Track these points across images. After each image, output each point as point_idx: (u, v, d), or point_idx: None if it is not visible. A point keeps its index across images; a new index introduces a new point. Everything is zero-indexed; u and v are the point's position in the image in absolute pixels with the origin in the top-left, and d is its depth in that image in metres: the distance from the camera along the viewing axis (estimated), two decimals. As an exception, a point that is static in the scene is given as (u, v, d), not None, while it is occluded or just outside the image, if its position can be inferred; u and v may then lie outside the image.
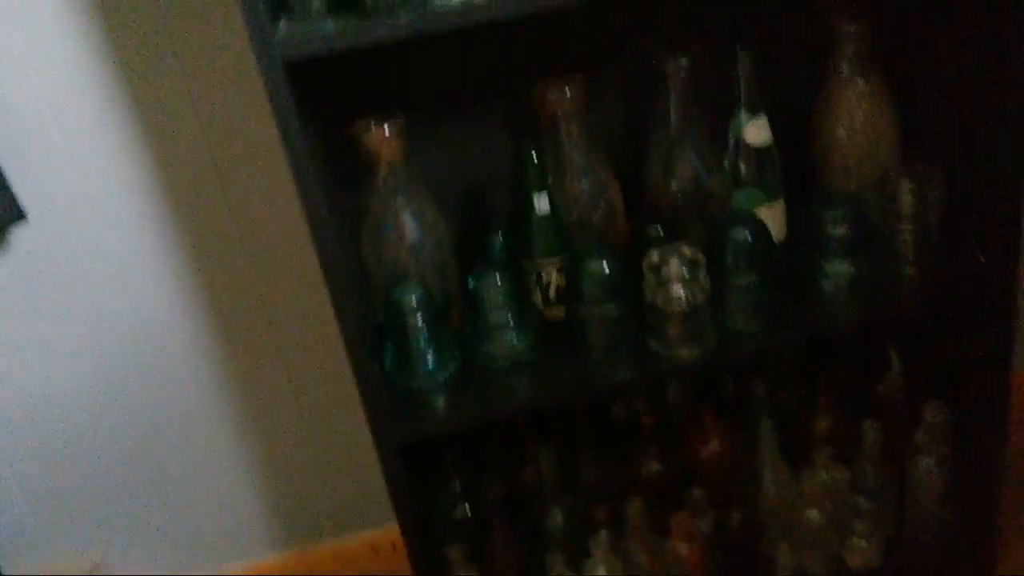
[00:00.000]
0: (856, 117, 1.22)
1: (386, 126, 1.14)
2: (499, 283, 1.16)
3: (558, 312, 1.21)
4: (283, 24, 0.97)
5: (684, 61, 1.18)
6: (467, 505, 1.35)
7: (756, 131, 1.17)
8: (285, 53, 0.89)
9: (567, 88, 1.17)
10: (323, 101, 1.13)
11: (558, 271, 1.19)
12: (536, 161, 1.16)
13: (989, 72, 1.12)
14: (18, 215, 1.26)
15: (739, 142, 1.20)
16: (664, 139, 1.22)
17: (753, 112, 1.17)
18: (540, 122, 1.20)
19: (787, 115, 1.20)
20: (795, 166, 1.23)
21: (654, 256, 1.13)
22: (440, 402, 1.15)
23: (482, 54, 1.21)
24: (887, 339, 1.36)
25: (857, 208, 1.18)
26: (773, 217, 1.21)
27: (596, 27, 1.21)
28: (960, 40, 1.19)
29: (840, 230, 1.18)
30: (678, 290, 1.12)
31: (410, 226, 1.19)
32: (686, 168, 1.23)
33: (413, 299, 1.16)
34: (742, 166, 1.20)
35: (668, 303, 1.13)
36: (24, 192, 1.25)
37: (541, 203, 1.17)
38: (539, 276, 1.20)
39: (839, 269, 1.19)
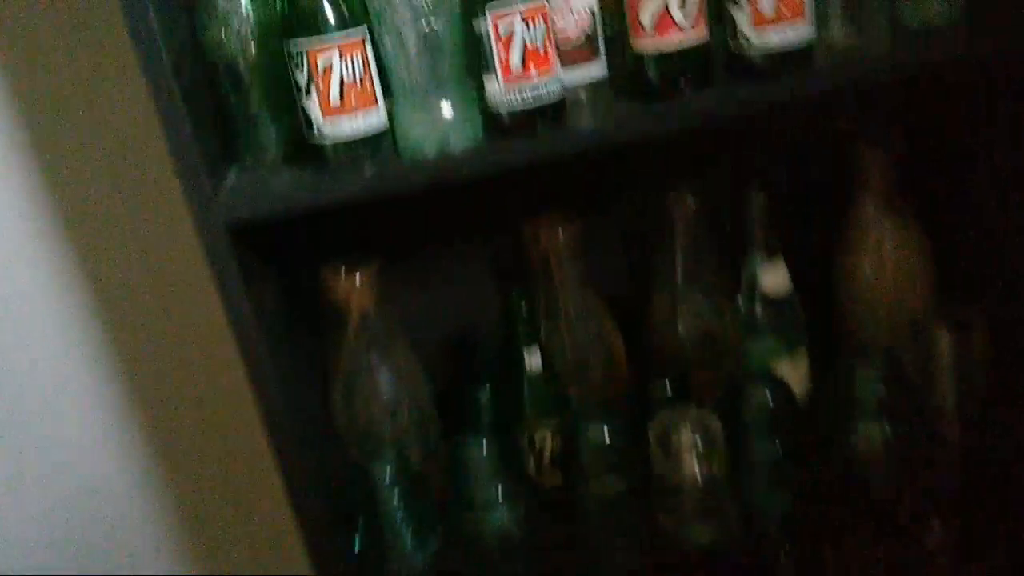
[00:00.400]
0: (884, 257, 1.09)
1: (357, 274, 1.00)
2: (485, 453, 1.01)
3: (554, 479, 1.07)
4: (231, 177, 0.83)
5: (691, 200, 1.04)
6: None
7: (773, 278, 1.04)
8: (228, 216, 0.76)
9: (561, 229, 1.03)
10: (283, 243, 1.00)
11: (553, 434, 1.04)
12: (526, 312, 1.02)
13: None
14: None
15: (754, 287, 1.06)
16: (669, 282, 1.09)
17: (769, 256, 1.04)
18: (531, 265, 1.07)
19: (806, 255, 1.07)
20: (816, 311, 1.09)
21: (662, 424, 0.98)
22: (419, 592, 0.99)
23: (467, 192, 1.07)
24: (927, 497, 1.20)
25: (891, 363, 1.03)
26: (794, 372, 1.07)
27: (593, 165, 1.08)
28: (998, 169, 1.05)
29: (873, 389, 1.03)
30: (691, 463, 0.97)
31: (385, 382, 1.05)
32: (694, 314, 1.09)
33: (388, 472, 1.01)
34: (758, 313, 1.07)
35: (680, 478, 0.98)
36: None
37: (532, 360, 1.03)
38: (531, 440, 1.05)
39: (872, 432, 1.04)
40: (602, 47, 0.88)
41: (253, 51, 0.85)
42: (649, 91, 0.86)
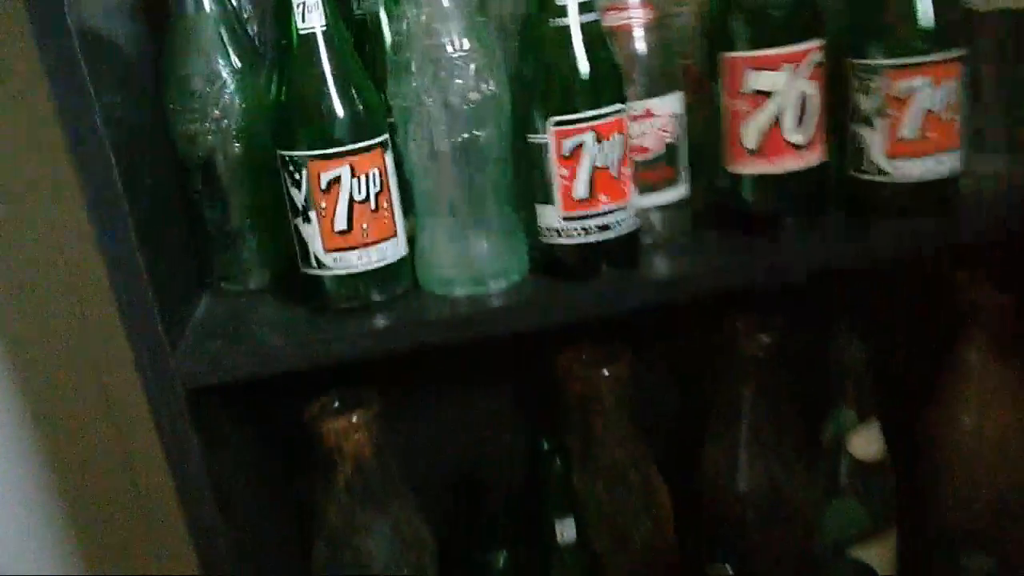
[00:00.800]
0: (991, 416, 0.89)
1: (354, 416, 0.79)
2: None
3: (582, 676, 0.85)
4: (200, 310, 0.63)
5: (767, 339, 0.84)
6: None
7: (866, 442, 0.84)
8: (188, 383, 0.55)
9: (606, 368, 0.82)
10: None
11: (584, 621, 0.84)
12: (559, 470, 0.81)
13: None
14: None
15: (838, 448, 0.86)
16: (731, 433, 0.89)
17: (862, 416, 0.83)
18: (565, 403, 0.86)
19: (892, 406, 0.87)
20: (903, 475, 0.90)
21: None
22: None
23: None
24: None
25: (1000, 551, 0.84)
26: (881, 553, 0.88)
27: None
28: None
29: (978, 584, 0.83)
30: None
31: (380, 545, 0.85)
32: (761, 475, 0.89)
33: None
34: (841, 479, 0.88)
35: None
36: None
37: (564, 530, 0.82)
38: (557, 626, 0.84)
39: (976, 637, 0.84)
40: (685, 161, 0.68)
41: (237, 150, 0.65)
42: (744, 223, 0.67)
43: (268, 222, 0.67)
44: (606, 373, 0.83)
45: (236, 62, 0.66)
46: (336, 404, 0.82)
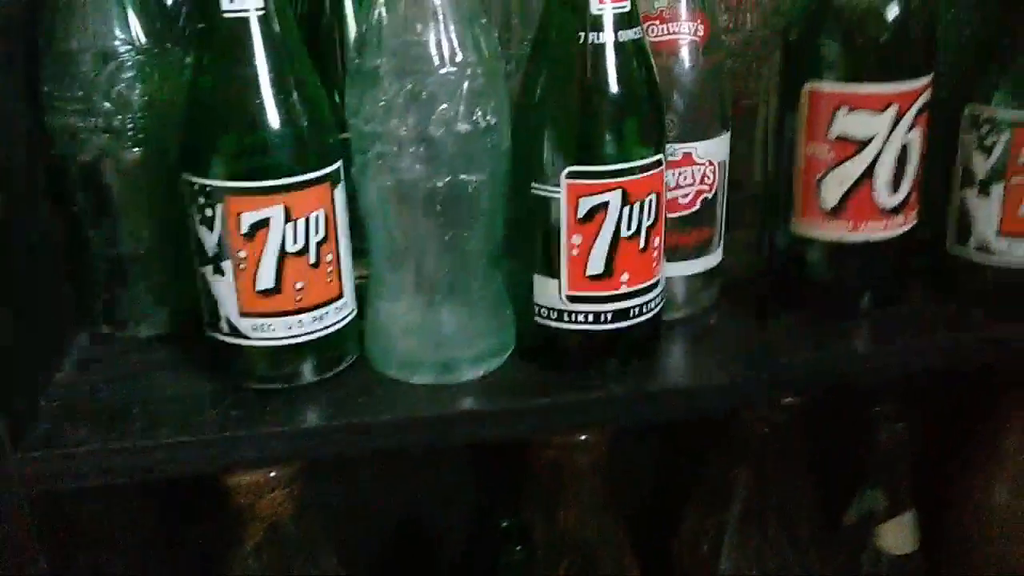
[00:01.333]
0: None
1: (271, 473, 0.63)
2: None
3: None
4: (73, 355, 0.46)
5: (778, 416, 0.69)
6: None
7: (899, 535, 0.71)
8: (36, 484, 0.38)
9: (583, 440, 0.67)
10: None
11: None
12: (521, 559, 0.67)
13: None
14: None
15: (864, 534, 0.74)
16: (721, 506, 0.74)
17: (894, 503, 0.70)
18: (531, 470, 0.71)
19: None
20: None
21: None
22: None
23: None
24: None
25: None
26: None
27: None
28: None
29: None
30: None
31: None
32: (754, 553, 0.75)
33: None
34: (864, 570, 0.75)
35: None
36: None
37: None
38: None
39: None
40: (723, 220, 0.52)
41: (134, 156, 0.47)
42: (806, 296, 0.50)
43: (171, 250, 0.50)
44: (582, 437, 0.68)
45: (140, 38, 0.48)
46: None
